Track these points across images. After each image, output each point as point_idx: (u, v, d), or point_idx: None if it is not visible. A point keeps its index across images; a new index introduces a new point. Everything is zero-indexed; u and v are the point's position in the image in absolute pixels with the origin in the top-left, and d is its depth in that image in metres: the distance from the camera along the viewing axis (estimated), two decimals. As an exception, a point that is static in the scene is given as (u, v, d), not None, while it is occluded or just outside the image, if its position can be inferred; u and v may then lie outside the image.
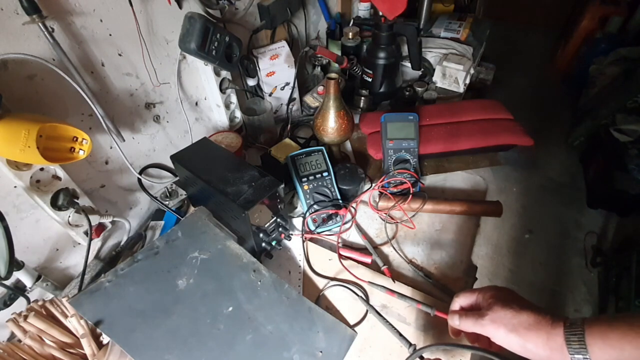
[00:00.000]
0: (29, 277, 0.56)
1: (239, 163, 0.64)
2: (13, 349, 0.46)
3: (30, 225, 0.57)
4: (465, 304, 0.46)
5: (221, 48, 0.71)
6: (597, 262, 1.54)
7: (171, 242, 0.58)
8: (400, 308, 0.59)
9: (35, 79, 0.51)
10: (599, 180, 1.76)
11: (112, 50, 0.60)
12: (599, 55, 2.08)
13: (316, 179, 0.72)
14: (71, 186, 0.58)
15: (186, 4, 0.69)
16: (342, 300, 0.61)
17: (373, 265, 0.66)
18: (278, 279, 0.58)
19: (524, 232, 1.69)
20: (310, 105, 0.99)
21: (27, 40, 0.48)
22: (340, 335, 0.55)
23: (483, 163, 0.83)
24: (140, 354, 0.46)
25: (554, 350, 0.36)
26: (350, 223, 0.73)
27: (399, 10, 0.81)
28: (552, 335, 0.36)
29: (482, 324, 0.41)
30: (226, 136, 0.84)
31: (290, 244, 0.70)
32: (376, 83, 0.98)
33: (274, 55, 0.88)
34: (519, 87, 2.55)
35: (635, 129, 1.63)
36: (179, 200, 0.76)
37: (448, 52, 1.07)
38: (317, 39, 1.16)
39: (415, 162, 0.76)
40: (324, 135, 0.75)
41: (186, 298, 0.52)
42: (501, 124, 0.84)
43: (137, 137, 0.70)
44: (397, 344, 0.54)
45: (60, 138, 0.49)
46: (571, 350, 0.35)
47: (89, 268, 0.64)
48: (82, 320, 0.48)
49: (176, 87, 0.74)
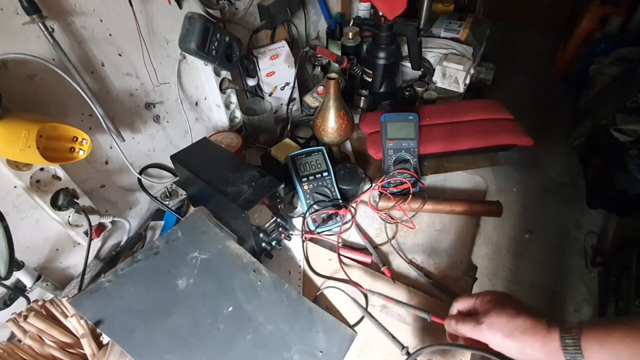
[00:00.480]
0: (29, 277, 0.56)
1: (239, 163, 0.64)
2: (13, 349, 0.47)
3: (30, 225, 0.57)
4: (463, 308, 0.46)
5: (221, 48, 0.71)
6: (597, 262, 1.54)
7: (171, 242, 0.58)
8: (400, 308, 0.59)
9: (35, 79, 0.51)
10: (599, 180, 1.76)
11: (112, 50, 0.60)
12: (599, 55, 2.07)
13: (316, 179, 0.72)
14: (71, 186, 0.58)
15: (186, 4, 0.69)
16: (342, 300, 0.61)
17: (373, 265, 0.66)
18: (278, 279, 0.58)
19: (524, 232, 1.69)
20: (310, 105, 0.99)
21: (27, 40, 0.48)
22: (340, 335, 0.55)
23: (483, 163, 0.83)
24: (140, 354, 0.46)
25: (550, 354, 0.36)
26: (350, 223, 0.73)
27: (399, 10, 0.81)
28: (548, 339, 0.36)
29: (480, 329, 0.41)
30: (226, 136, 0.84)
31: (290, 244, 0.70)
32: (376, 83, 0.98)
33: (274, 55, 0.88)
34: (519, 87, 2.55)
35: (635, 129, 1.63)
36: (179, 200, 0.76)
37: (448, 52, 1.07)
38: (317, 39, 1.16)
39: (415, 162, 0.76)
40: (324, 135, 0.75)
41: (186, 298, 0.52)
42: (501, 124, 0.84)
43: (137, 137, 0.70)
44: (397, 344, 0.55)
45: (60, 138, 0.49)
46: (567, 355, 0.35)
47: (89, 268, 0.64)
48: (82, 320, 0.48)
49: (176, 87, 0.74)
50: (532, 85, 2.59)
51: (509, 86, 2.52)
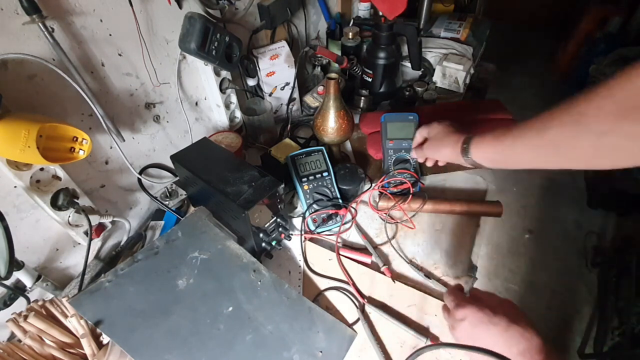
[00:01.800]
0: (29, 277, 0.56)
1: (239, 163, 0.64)
2: (13, 349, 0.46)
3: (30, 225, 0.57)
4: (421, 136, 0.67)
5: (221, 48, 0.71)
6: (597, 262, 1.54)
7: (171, 242, 0.58)
8: (401, 308, 0.59)
9: (35, 79, 0.51)
10: (598, 180, 1.76)
11: (112, 50, 0.60)
12: (599, 55, 2.07)
13: (316, 179, 0.72)
14: (71, 186, 0.58)
15: (186, 4, 0.69)
16: (342, 300, 0.61)
17: (373, 265, 0.66)
18: (278, 279, 0.58)
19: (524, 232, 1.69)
20: (310, 105, 0.99)
21: (27, 40, 0.48)
22: (340, 335, 0.55)
23: (483, 163, 0.83)
24: (140, 354, 0.46)
25: (457, 155, 0.56)
26: (350, 223, 0.73)
27: (399, 10, 0.81)
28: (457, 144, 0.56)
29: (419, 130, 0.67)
30: (226, 136, 0.84)
31: (290, 244, 0.70)
32: (376, 83, 0.98)
33: (274, 55, 0.88)
34: (519, 87, 2.55)
35: (635, 129, 1.63)
36: (179, 200, 0.76)
37: (448, 52, 1.07)
38: (317, 39, 1.16)
39: (415, 162, 0.76)
40: (324, 135, 0.75)
41: (186, 298, 0.52)
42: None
43: (137, 137, 0.70)
44: (397, 344, 0.55)
45: (60, 138, 0.49)
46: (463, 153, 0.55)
47: (89, 268, 0.64)
48: (82, 320, 0.48)
49: (176, 87, 0.74)
50: (532, 85, 2.59)
51: (509, 86, 2.51)
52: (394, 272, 0.65)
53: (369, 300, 0.60)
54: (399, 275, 0.64)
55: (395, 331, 0.56)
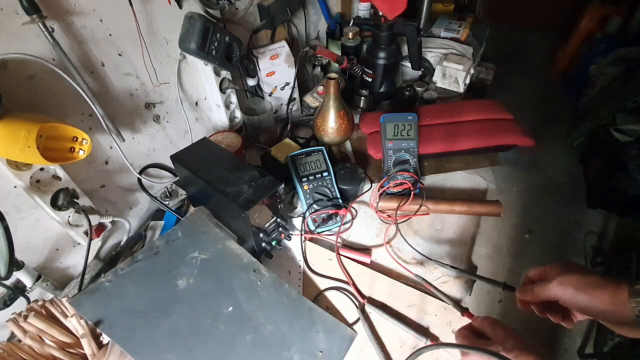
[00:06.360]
0: (29, 277, 0.56)
1: (239, 163, 0.64)
2: (13, 349, 0.46)
3: (30, 225, 0.57)
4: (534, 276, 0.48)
5: (221, 48, 0.71)
6: (597, 262, 1.54)
7: (171, 242, 0.58)
8: (401, 308, 0.59)
9: (35, 79, 0.51)
10: (599, 180, 1.76)
11: (112, 50, 0.60)
12: (599, 55, 2.07)
13: (316, 179, 0.72)
14: (71, 186, 0.58)
15: (186, 4, 0.69)
16: (342, 300, 0.61)
17: (373, 265, 0.66)
18: (278, 279, 0.58)
19: (524, 232, 1.69)
20: (310, 105, 0.99)
21: (27, 40, 0.48)
22: (340, 335, 0.55)
23: (483, 163, 0.83)
24: (140, 354, 0.46)
25: (618, 305, 0.39)
26: (350, 223, 0.73)
27: (399, 10, 0.81)
28: (618, 292, 0.39)
29: (550, 287, 0.43)
30: (226, 136, 0.84)
31: (290, 244, 0.70)
32: (376, 83, 0.98)
33: (274, 55, 0.88)
34: (519, 87, 2.55)
35: (635, 129, 1.63)
36: (179, 200, 0.76)
37: (448, 52, 1.07)
38: (317, 39, 1.16)
39: (415, 162, 0.76)
40: (324, 135, 0.75)
41: (186, 298, 0.52)
42: (501, 124, 0.84)
43: (137, 137, 0.70)
44: (397, 344, 0.55)
45: (60, 138, 0.49)
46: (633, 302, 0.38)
47: (89, 268, 0.64)
48: (82, 320, 0.48)
49: (176, 87, 0.74)
50: (532, 85, 2.59)
51: (509, 86, 2.52)
52: (394, 272, 0.64)
53: (369, 300, 0.60)
54: (399, 275, 0.64)
55: (395, 331, 0.56)
